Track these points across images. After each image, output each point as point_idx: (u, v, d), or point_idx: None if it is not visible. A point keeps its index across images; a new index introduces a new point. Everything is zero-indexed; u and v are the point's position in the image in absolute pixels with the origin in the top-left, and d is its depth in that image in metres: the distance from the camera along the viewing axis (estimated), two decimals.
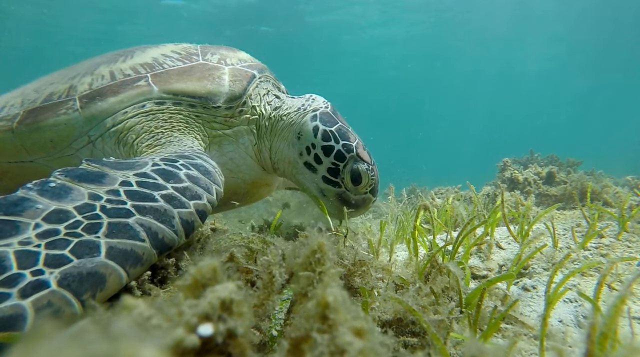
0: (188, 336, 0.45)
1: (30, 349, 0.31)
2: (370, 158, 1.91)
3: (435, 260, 1.41)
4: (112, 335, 0.34)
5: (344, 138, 1.88)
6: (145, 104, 1.85)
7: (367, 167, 1.85)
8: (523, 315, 1.34)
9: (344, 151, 1.85)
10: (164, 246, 1.11)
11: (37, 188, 1.13)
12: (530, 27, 23.31)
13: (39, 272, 0.89)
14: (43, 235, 1.00)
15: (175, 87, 1.89)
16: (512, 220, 2.69)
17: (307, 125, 1.93)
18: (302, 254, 0.72)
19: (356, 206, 1.92)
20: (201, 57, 2.08)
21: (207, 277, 0.54)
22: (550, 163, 5.99)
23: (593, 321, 0.72)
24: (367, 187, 1.88)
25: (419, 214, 1.90)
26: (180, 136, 1.83)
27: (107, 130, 1.82)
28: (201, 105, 1.92)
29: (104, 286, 0.93)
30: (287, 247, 1.06)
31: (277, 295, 0.90)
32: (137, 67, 1.97)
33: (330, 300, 0.52)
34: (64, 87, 1.93)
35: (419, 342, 1.05)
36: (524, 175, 4.53)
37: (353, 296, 1.26)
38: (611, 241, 1.93)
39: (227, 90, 1.94)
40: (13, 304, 0.81)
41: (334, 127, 1.90)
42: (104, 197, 1.17)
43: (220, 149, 2.00)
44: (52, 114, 1.82)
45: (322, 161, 1.88)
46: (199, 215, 1.26)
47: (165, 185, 1.29)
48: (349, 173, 1.84)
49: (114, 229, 1.05)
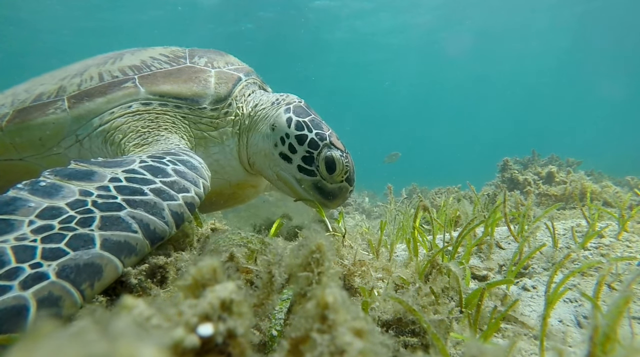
0: (188, 336, 0.45)
1: (29, 349, 0.31)
2: (343, 147, 1.92)
3: (435, 260, 1.41)
4: (111, 335, 0.34)
5: (317, 128, 1.92)
6: (132, 104, 1.90)
7: (340, 153, 1.87)
8: (523, 315, 1.34)
9: (317, 139, 1.88)
10: (156, 237, 1.15)
11: (28, 188, 1.15)
12: (531, 26, 23.29)
13: (37, 265, 0.91)
14: (38, 230, 1.02)
15: (162, 88, 1.94)
16: (512, 220, 2.69)
17: (281, 117, 1.96)
18: (301, 255, 0.72)
19: (333, 195, 1.92)
20: (188, 60, 2.13)
21: (207, 277, 0.54)
22: (550, 163, 5.98)
23: (595, 323, 0.72)
24: (342, 174, 1.88)
25: (418, 214, 1.90)
26: (167, 135, 1.87)
27: (94, 130, 1.87)
28: (187, 107, 1.96)
29: (101, 276, 0.96)
30: (287, 247, 1.06)
31: (276, 295, 0.90)
32: (125, 69, 2.02)
33: (329, 300, 0.52)
34: (54, 87, 1.98)
35: (419, 342, 1.05)
36: (524, 176, 4.53)
37: (353, 296, 1.26)
38: (611, 241, 1.93)
39: (213, 92, 1.99)
40: (15, 295, 0.83)
41: (307, 118, 1.94)
42: (95, 193, 1.19)
43: (207, 150, 2.04)
44: (41, 113, 1.86)
45: (296, 150, 1.89)
46: (188, 207, 1.30)
47: (154, 180, 1.32)
48: (323, 160, 1.86)
49: (107, 222, 1.08)
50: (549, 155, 6.53)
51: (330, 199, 1.92)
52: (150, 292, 1.08)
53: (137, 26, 19.82)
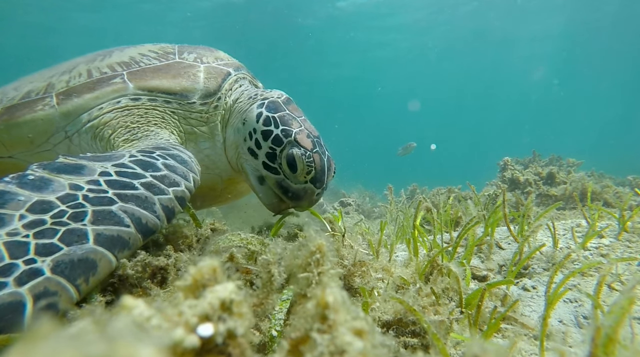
0: (188, 336, 0.45)
1: (27, 350, 0.31)
2: (312, 146, 1.78)
3: (435, 260, 1.41)
4: (109, 335, 0.34)
5: (285, 124, 1.83)
6: (121, 100, 1.89)
7: (302, 152, 1.75)
8: (523, 315, 1.33)
9: (282, 136, 1.80)
10: (148, 231, 1.15)
11: (16, 181, 1.14)
12: (529, 25, 23.29)
13: (31, 261, 0.91)
14: (30, 225, 1.01)
15: (151, 83, 1.94)
16: (512, 220, 2.69)
17: (252, 112, 1.92)
18: (302, 255, 0.72)
19: (297, 197, 1.81)
20: (177, 56, 2.13)
21: (207, 277, 0.54)
22: (551, 163, 5.98)
23: (597, 324, 0.71)
24: (304, 174, 1.76)
25: (418, 214, 1.90)
26: (156, 130, 1.86)
27: (83, 126, 1.86)
28: (176, 102, 1.96)
29: (95, 270, 0.96)
30: (287, 248, 1.06)
31: (276, 294, 0.90)
32: (114, 65, 2.02)
33: (329, 300, 0.52)
34: (42, 85, 1.98)
35: (419, 342, 1.05)
36: (525, 176, 4.53)
37: (353, 296, 1.26)
38: (611, 241, 1.93)
39: (202, 87, 1.98)
40: (11, 292, 0.83)
41: (276, 114, 1.87)
42: (85, 187, 1.19)
43: (197, 146, 2.03)
44: (29, 110, 1.86)
45: (261, 146, 1.84)
46: (179, 201, 1.30)
47: (144, 174, 1.32)
48: (285, 158, 1.78)
49: (99, 217, 1.08)
50: (550, 155, 6.52)
51: (295, 200, 1.83)
52: (150, 293, 1.08)
53: (136, 27, 19.84)
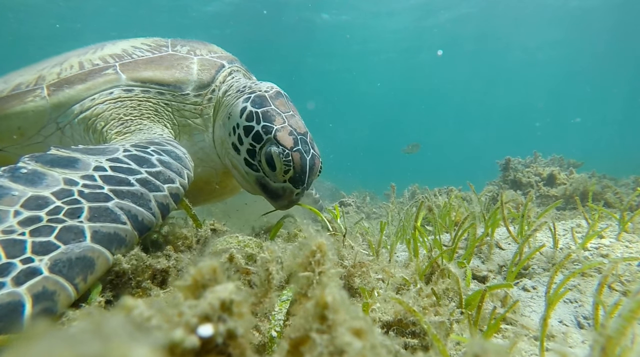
0: (188, 336, 0.45)
1: (23, 350, 0.31)
2: (293, 144, 1.72)
3: (436, 261, 1.41)
4: (104, 335, 0.34)
5: (267, 120, 1.79)
6: (114, 91, 1.88)
7: (281, 151, 1.70)
8: (523, 316, 1.33)
9: (262, 132, 1.76)
10: (144, 228, 1.15)
11: (8, 174, 1.12)
12: (531, 27, 23.29)
13: (28, 260, 0.90)
14: (25, 222, 1.00)
15: (143, 75, 1.93)
16: (512, 221, 2.69)
17: (237, 106, 1.89)
18: (302, 255, 0.72)
19: (276, 195, 1.79)
20: (171, 48, 2.13)
21: (207, 277, 0.54)
22: (552, 164, 5.97)
23: (605, 333, 0.71)
24: (282, 173, 1.73)
25: (420, 214, 1.90)
26: (150, 124, 1.86)
27: (75, 117, 1.85)
28: (170, 93, 1.95)
29: (93, 269, 0.95)
30: (287, 247, 1.06)
31: (275, 293, 0.90)
32: (106, 57, 2.01)
33: (329, 300, 0.52)
34: (33, 77, 1.96)
35: (419, 343, 1.05)
36: (525, 176, 4.53)
37: (353, 297, 1.26)
38: (611, 242, 1.93)
39: (195, 79, 1.98)
40: (9, 292, 0.82)
41: (260, 109, 1.82)
42: (80, 182, 1.17)
43: (191, 138, 2.02)
44: (19, 102, 1.85)
45: (243, 142, 1.81)
46: (173, 198, 1.30)
47: (140, 170, 1.31)
48: (263, 156, 1.75)
49: (96, 213, 1.07)
50: (551, 156, 6.51)
51: (274, 199, 1.81)
52: (151, 293, 1.08)
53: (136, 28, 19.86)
